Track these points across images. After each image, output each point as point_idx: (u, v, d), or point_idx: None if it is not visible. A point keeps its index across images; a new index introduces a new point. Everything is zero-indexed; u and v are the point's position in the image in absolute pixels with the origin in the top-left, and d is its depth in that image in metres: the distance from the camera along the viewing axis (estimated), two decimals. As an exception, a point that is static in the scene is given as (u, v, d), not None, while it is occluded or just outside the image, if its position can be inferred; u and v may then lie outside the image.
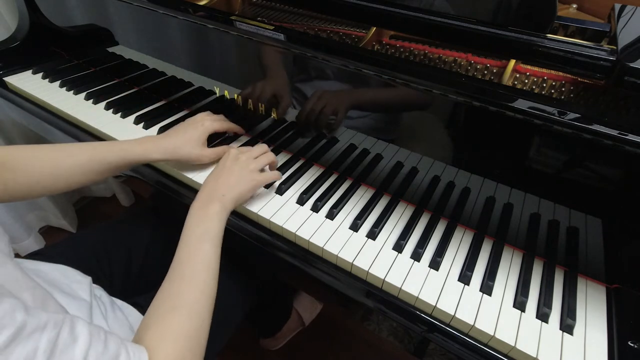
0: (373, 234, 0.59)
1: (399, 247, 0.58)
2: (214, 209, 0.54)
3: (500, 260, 0.57)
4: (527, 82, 0.54)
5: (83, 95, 0.89)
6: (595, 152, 0.47)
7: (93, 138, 0.82)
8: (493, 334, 0.48)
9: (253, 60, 0.69)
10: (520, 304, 0.51)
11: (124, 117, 0.83)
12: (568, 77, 0.52)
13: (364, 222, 0.62)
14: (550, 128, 0.47)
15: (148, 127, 0.81)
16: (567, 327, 0.49)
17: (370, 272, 0.54)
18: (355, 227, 0.60)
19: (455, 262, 0.57)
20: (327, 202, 0.65)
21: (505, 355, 0.49)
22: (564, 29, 0.53)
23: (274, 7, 0.71)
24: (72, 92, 0.90)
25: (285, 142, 0.75)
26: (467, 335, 0.50)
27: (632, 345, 0.47)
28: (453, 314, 0.50)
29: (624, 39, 0.47)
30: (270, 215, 0.62)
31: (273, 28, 0.62)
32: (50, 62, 1.02)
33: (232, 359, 1.14)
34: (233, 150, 0.62)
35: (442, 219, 0.63)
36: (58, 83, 0.93)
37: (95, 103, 0.87)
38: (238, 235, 0.64)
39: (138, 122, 0.82)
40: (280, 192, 0.66)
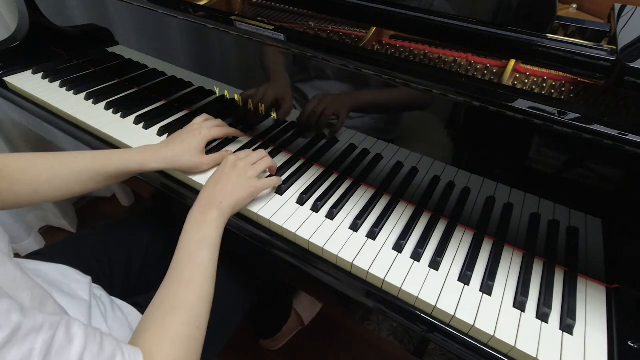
0: (373, 234, 0.59)
1: (399, 247, 0.58)
2: (212, 216, 0.54)
3: (500, 260, 0.57)
4: (527, 82, 0.54)
5: (83, 95, 0.89)
6: (595, 152, 0.47)
7: (93, 138, 0.82)
8: (493, 334, 0.48)
9: (253, 61, 0.69)
10: (520, 304, 0.51)
11: (124, 117, 0.83)
12: (568, 77, 0.52)
13: (364, 222, 0.62)
14: (550, 128, 0.47)
15: (148, 127, 0.81)
16: (567, 327, 0.49)
17: (370, 272, 0.54)
18: (355, 227, 0.60)
19: (455, 262, 0.57)
20: (327, 202, 0.65)
21: (505, 355, 0.49)
22: (564, 29, 0.53)
23: (274, 7, 0.71)
24: (72, 92, 0.90)
25: (285, 142, 0.75)
26: (467, 335, 0.50)
27: (632, 345, 0.47)
28: (453, 314, 0.50)
29: (624, 39, 0.47)
30: (270, 215, 0.62)
31: (273, 28, 0.62)
32: (50, 62, 1.02)
33: (232, 359, 1.14)
34: (231, 157, 0.62)
35: (442, 219, 0.63)
36: (58, 83, 0.93)
37: (95, 103, 0.87)
38: (238, 235, 0.64)
39: (138, 122, 0.82)
40: (280, 192, 0.66)
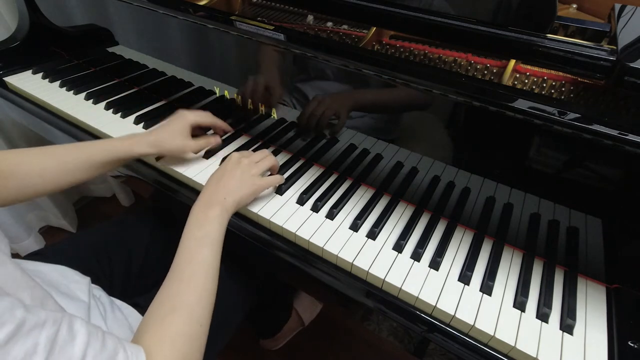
0: (373, 234, 0.59)
1: (399, 247, 0.58)
2: (215, 213, 0.54)
3: (500, 260, 0.57)
4: (527, 82, 0.54)
5: (83, 95, 0.89)
6: (595, 152, 0.47)
7: (93, 138, 0.81)
8: (493, 334, 0.48)
9: (253, 61, 0.69)
10: (520, 304, 0.51)
11: (124, 117, 0.83)
12: (568, 77, 0.52)
13: (364, 222, 0.62)
14: (550, 128, 0.47)
15: (148, 127, 0.81)
16: (567, 327, 0.49)
17: (370, 272, 0.54)
18: (355, 227, 0.60)
19: (455, 262, 0.57)
20: (327, 202, 0.65)
21: (505, 355, 0.49)
22: (564, 29, 0.53)
23: (274, 7, 0.71)
24: (72, 92, 0.90)
25: (286, 142, 0.75)
26: (467, 335, 0.50)
27: (632, 345, 0.47)
28: (453, 314, 0.50)
29: (624, 39, 0.47)
30: (270, 215, 0.62)
31: (273, 28, 0.62)
32: (50, 62, 1.02)
33: (232, 359, 1.14)
34: (235, 154, 0.62)
35: (442, 219, 0.63)
36: (58, 83, 0.93)
37: (95, 103, 0.87)
38: (238, 236, 0.64)
39: (138, 122, 0.82)
40: (280, 192, 0.66)
